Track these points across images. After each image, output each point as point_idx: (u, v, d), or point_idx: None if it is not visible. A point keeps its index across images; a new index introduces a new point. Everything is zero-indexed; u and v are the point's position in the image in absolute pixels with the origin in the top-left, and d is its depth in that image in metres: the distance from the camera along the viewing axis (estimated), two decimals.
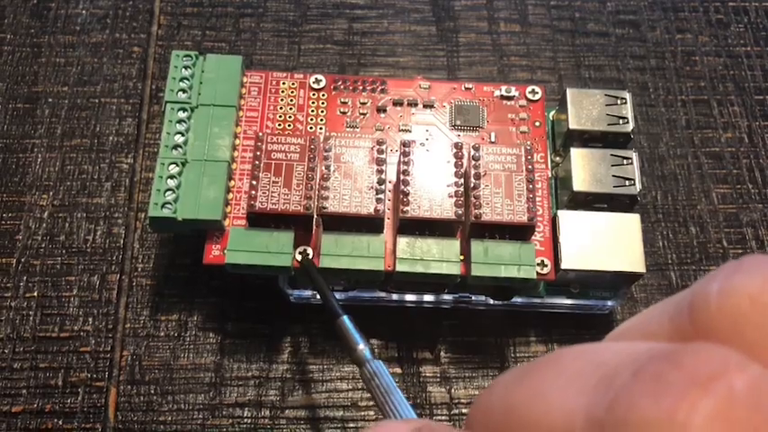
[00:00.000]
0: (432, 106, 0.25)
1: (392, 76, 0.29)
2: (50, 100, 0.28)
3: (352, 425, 0.24)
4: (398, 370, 0.25)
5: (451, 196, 0.22)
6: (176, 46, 0.29)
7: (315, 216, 0.22)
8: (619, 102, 0.24)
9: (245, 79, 0.25)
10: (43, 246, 0.26)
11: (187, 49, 0.29)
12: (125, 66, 0.29)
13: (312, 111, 0.25)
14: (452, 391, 0.25)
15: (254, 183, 0.22)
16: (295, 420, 0.24)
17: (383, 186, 0.22)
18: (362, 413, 0.24)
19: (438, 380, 0.25)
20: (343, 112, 0.25)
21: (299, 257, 0.22)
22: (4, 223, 0.26)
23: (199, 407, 0.24)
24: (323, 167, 0.23)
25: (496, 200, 0.22)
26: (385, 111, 0.25)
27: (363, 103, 0.25)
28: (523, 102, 0.25)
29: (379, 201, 0.22)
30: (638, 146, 0.27)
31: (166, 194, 0.23)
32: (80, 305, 0.25)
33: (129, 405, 0.24)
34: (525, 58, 0.30)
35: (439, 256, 0.22)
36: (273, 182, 0.22)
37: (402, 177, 0.23)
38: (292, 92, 0.25)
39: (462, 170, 0.23)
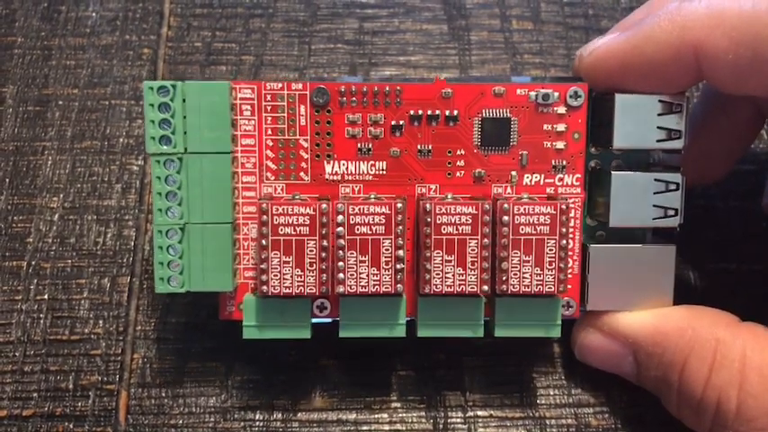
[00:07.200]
0: (455, 120, 0.22)
1: (403, 76, 0.29)
2: (61, 102, 0.28)
3: (365, 427, 0.24)
4: (413, 372, 0.25)
5: (477, 269, 0.21)
6: (186, 47, 0.29)
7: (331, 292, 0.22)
8: (674, 109, 0.21)
9: (234, 94, 0.22)
10: (54, 248, 0.26)
11: (197, 51, 0.29)
12: (135, 67, 0.29)
13: (317, 134, 0.22)
14: (468, 394, 0.24)
15: (264, 266, 0.21)
16: (307, 423, 0.24)
17: (402, 265, 0.21)
18: (376, 416, 0.24)
19: (453, 381, 0.24)
20: (353, 135, 0.22)
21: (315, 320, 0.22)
22: (14, 226, 0.26)
23: (210, 410, 0.24)
24: (336, 243, 0.21)
25: (525, 269, 0.21)
26: (401, 130, 0.22)
27: (375, 122, 0.22)
28: (562, 109, 0.22)
29: (398, 279, 0.21)
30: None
31: (171, 266, 0.22)
32: (91, 308, 0.25)
33: (140, 408, 0.24)
34: (538, 55, 0.29)
35: (462, 320, 0.22)
36: (284, 261, 0.21)
37: (423, 252, 0.21)
38: (292, 109, 0.22)
39: (488, 240, 0.21)
